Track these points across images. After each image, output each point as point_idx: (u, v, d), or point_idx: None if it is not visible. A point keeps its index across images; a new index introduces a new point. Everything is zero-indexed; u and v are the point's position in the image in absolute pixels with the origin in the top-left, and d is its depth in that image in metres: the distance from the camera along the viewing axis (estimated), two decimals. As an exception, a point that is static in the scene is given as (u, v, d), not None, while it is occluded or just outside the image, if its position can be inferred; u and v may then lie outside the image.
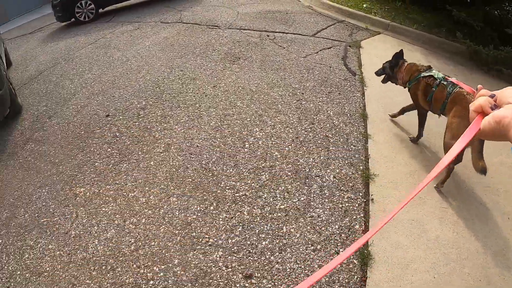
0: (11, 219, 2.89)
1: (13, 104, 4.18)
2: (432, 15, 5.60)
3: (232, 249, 2.25)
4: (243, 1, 7.92)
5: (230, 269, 2.14)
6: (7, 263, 2.53)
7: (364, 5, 6.35)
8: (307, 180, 2.71)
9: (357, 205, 2.48)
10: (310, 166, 2.83)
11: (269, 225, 2.39)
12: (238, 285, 2.07)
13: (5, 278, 2.42)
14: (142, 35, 6.41)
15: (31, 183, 3.22)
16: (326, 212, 2.43)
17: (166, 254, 2.29)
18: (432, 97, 2.60)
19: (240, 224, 2.42)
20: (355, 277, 2.06)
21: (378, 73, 3.21)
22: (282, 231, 2.35)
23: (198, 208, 2.59)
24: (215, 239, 2.34)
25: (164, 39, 5.90)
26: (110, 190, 2.85)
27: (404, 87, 2.97)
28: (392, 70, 3.01)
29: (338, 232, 2.28)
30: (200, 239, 2.35)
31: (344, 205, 2.49)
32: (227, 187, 2.73)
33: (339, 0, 6.88)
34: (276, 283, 2.06)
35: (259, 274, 2.10)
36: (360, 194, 2.56)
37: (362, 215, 2.41)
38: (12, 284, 2.37)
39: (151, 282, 2.14)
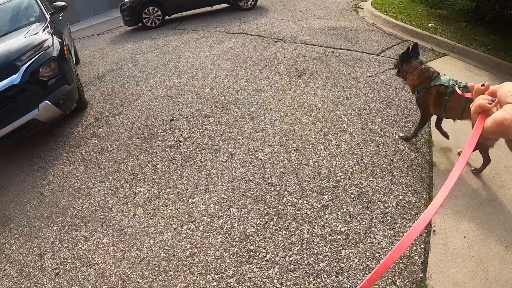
0: (68, 208, 3.13)
1: (80, 99, 4.59)
2: (499, 38, 5.61)
3: (289, 267, 2.26)
4: (307, 16, 8.16)
5: (284, 287, 2.09)
6: (59, 249, 2.73)
7: (429, 25, 6.45)
8: (370, 205, 2.66)
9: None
10: (373, 190, 2.78)
11: (328, 246, 2.37)
12: (297, 311, 2.01)
13: (55, 264, 2.61)
14: (207, 43, 6.73)
15: (92, 176, 3.43)
16: (386, 240, 2.38)
17: (221, 264, 2.33)
18: (447, 105, 2.72)
19: (299, 242, 2.41)
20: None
21: (395, 66, 3.25)
22: (340, 254, 2.32)
23: (258, 222, 2.59)
24: (273, 255, 2.35)
25: (229, 49, 6.14)
26: (170, 194, 2.94)
27: (412, 93, 3.06)
28: (401, 65, 3.06)
29: (396, 261, 2.18)
30: (257, 253, 2.38)
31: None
32: (289, 204, 2.72)
33: (404, 18, 7.00)
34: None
35: (316, 299, 2.04)
36: (422, 224, 2.44)
37: (422, 246, 2.36)
38: (61, 270, 2.55)
39: (204, 291, 2.16)
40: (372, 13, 7.84)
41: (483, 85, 0.61)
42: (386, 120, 3.66)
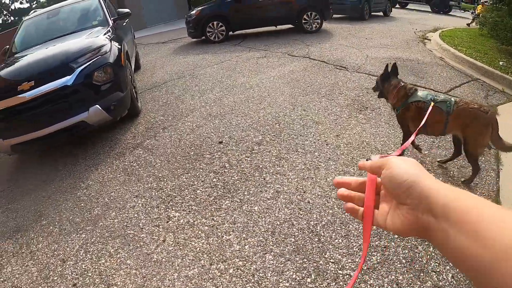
0: (100, 219, 3.08)
1: (132, 106, 4.65)
2: None
3: None
4: (372, 44, 7.91)
5: None
6: (82, 259, 2.66)
7: (500, 63, 6.04)
8: (421, 275, 2.28)
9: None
10: (428, 256, 2.39)
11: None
12: None
13: (75, 274, 2.54)
14: (268, 64, 6.64)
15: (130, 189, 3.36)
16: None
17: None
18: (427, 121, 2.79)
19: (338, 311, 2.07)
20: None
21: (374, 89, 3.41)
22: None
23: (294, 276, 2.31)
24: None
25: (289, 73, 5.99)
26: (205, 225, 2.75)
27: (393, 110, 3.18)
28: (382, 85, 3.18)
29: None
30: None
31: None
32: (332, 260, 2.42)
33: (473, 53, 6.63)
34: None
35: None
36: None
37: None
38: (79, 282, 2.46)
39: None
40: (440, 46, 7.53)
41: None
42: (452, 172, 3.23)
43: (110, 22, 5.38)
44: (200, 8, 9.86)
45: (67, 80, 3.83)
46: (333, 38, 8.89)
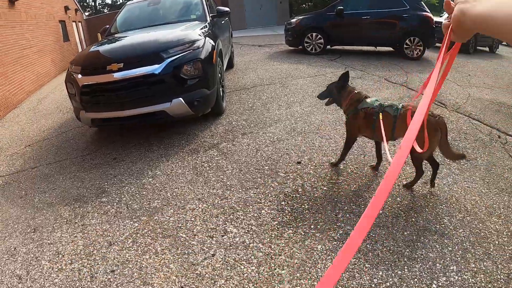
0: (157, 212, 3.02)
1: (217, 105, 4.65)
2: None
3: None
4: (475, 82, 7.10)
5: None
6: (128, 248, 2.62)
7: None
8: None
9: None
10: None
11: None
12: None
13: (116, 261, 2.52)
14: (362, 86, 6.30)
15: (194, 190, 3.26)
16: None
17: None
18: (375, 126, 2.90)
19: None
20: None
21: (321, 96, 3.49)
22: None
23: None
24: None
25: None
26: (260, 251, 2.52)
27: (345, 114, 3.29)
28: (339, 92, 3.27)
29: None
30: None
31: None
32: None
33: None
34: None
35: None
36: None
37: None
38: (118, 270, 2.44)
39: None
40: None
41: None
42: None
43: (208, 18, 5.44)
44: (301, 17, 9.83)
45: (155, 68, 3.90)
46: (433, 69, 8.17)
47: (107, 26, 6.02)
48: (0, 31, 8.23)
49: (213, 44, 4.60)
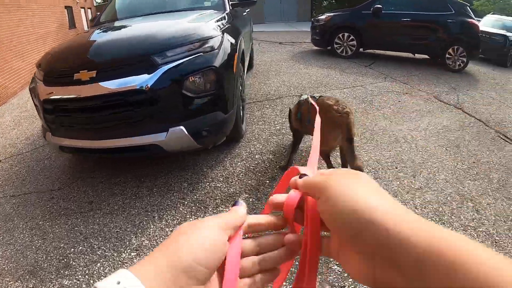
0: None
1: (234, 129, 3.20)
2: None
3: None
4: None
5: None
6: None
7: None
8: None
9: None
10: None
11: None
12: None
13: None
14: (413, 106, 4.86)
15: None
16: None
17: None
18: (302, 119, 2.79)
19: None
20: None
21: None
22: None
23: None
24: None
25: (444, 130, 4.16)
26: None
27: None
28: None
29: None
30: None
31: None
32: None
33: None
34: None
35: None
36: None
37: None
38: None
39: None
40: None
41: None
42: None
43: (228, 7, 3.90)
44: (332, 14, 8.25)
45: (143, 80, 2.45)
46: (480, 85, 6.73)
47: (98, 13, 4.58)
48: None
49: (234, 43, 3.15)
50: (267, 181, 2.83)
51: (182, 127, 2.56)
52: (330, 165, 2.74)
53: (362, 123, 4.04)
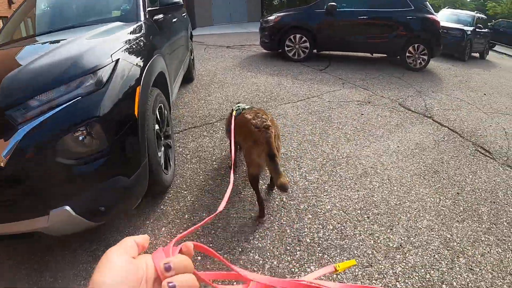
0: None
1: (154, 181, 2.26)
2: None
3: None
4: (497, 106, 5.43)
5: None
6: None
7: None
8: None
9: None
10: None
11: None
12: None
13: None
14: (378, 120, 4.23)
15: None
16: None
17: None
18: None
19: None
20: None
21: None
22: None
23: None
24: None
25: (418, 149, 3.58)
26: None
27: None
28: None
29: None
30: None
31: None
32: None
33: None
34: None
35: None
36: None
37: None
38: None
39: None
40: None
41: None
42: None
43: (142, 16, 2.87)
44: (282, 14, 7.49)
45: None
46: (444, 85, 6.42)
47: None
48: None
49: (141, 68, 2.15)
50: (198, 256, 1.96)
51: (67, 207, 1.63)
52: (259, 197, 2.25)
53: (321, 151, 3.27)
